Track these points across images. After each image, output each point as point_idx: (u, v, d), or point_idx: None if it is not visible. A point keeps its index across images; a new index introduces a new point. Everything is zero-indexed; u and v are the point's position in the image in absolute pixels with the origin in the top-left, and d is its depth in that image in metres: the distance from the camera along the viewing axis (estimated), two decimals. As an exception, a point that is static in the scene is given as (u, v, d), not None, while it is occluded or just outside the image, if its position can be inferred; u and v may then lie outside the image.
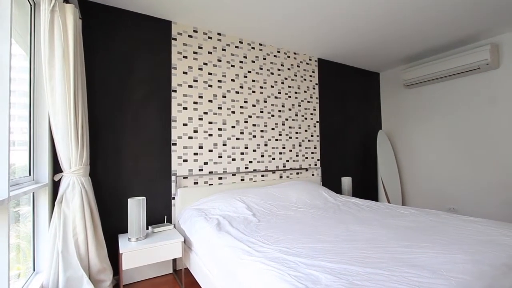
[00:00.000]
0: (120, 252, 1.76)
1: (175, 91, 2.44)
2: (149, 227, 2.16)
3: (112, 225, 2.12)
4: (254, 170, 2.86)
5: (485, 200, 3.04)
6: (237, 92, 2.79)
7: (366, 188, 3.94)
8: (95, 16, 2.13)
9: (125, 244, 1.84)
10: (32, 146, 1.76)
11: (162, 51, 2.40)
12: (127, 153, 2.21)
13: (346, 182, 3.35)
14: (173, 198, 2.39)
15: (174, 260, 2.33)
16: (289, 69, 3.20)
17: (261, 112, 2.96)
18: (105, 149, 2.12)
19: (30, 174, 1.74)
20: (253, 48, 2.92)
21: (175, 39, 2.46)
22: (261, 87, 2.97)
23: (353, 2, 2.20)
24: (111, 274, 1.88)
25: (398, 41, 3.03)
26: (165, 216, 2.33)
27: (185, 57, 2.50)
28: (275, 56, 3.09)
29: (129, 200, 1.92)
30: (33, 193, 1.77)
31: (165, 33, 2.42)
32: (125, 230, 2.15)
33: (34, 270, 1.76)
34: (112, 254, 2.06)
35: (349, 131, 3.77)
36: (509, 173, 2.86)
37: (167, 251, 1.92)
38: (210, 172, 2.59)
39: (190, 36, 2.54)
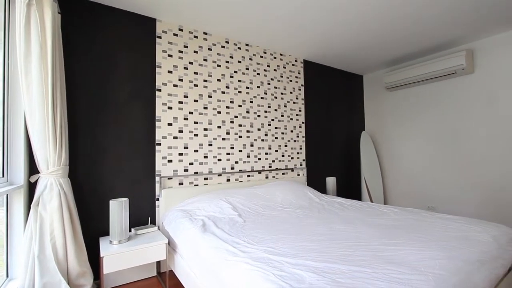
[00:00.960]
0: (101, 255, 1.71)
1: (159, 90, 2.40)
2: (132, 229, 2.11)
3: (93, 228, 2.05)
4: (240, 171, 2.86)
5: (462, 199, 3.19)
6: (223, 92, 2.78)
7: (350, 188, 4.03)
8: (76, 11, 2.05)
9: (106, 247, 1.79)
10: (5, 146, 1.68)
11: (146, 49, 2.35)
12: (109, 153, 2.15)
13: (331, 182, 3.41)
14: (157, 199, 2.35)
15: (158, 263, 2.29)
16: (275, 70, 3.22)
17: (247, 112, 2.96)
18: (85, 149, 2.05)
19: (3, 176, 1.65)
20: (239, 48, 2.92)
21: (160, 37, 2.42)
22: (247, 88, 2.97)
23: (337, 7, 2.24)
24: (91, 278, 1.82)
25: (380, 46, 3.12)
26: (149, 218, 2.28)
27: (170, 55, 2.46)
28: (261, 56, 3.10)
29: (111, 201, 1.87)
30: (7, 195, 1.68)
31: (149, 31, 2.37)
32: (106, 233, 2.08)
33: (7, 276, 1.68)
34: (93, 257, 1.99)
35: (333, 132, 3.84)
36: (483, 173, 3.01)
37: (151, 254, 1.88)
38: (196, 173, 2.56)
39: (175, 34, 2.50)
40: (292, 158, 3.33)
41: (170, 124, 2.44)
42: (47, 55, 1.63)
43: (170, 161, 2.42)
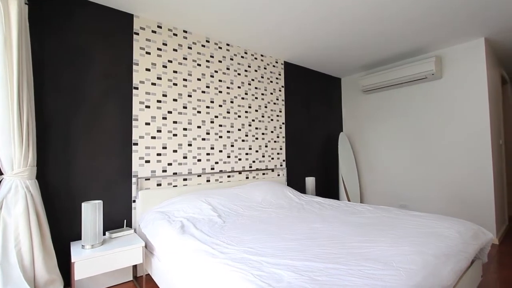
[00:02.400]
0: (72, 261, 1.62)
1: (136, 88, 2.32)
2: (106, 232, 2.03)
3: (63, 232, 1.94)
4: (220, 171, 2.84)
5: (431, 197, 3.38)
6: (203, 92, 2.75)
7: (329, 187, 4.13)
8: (45, 2, 1.93)
9: (78, 252, 1.70)
10: (-36, 145, 1.55)
11: (122, 46, 2.27)
12: (82, 153, 2.04)
13: (310, 182, 3.48)
14: (134, 201, 2.27)
15: (135, 267, 2.21)
16: (256, 70, 3.23)
17: (228, 112, 2.94)
18: (56, 149, 1.94)
19: (-39, 177, 1.53)
20: (220, 48, 2.90)
21: (137, 34, 2.34)
22: (228, 88, 2.95)
23: (316, 12, 2.29)
24: (61, 285, 1.72)
25: (357, 50, 3.24)
26: (125, 221, 2.20)
27: (148, 53, 2.39)
28: (242, 57, 3.10)
29: (83, 204, 1.78)
30: (-35, 199, 1.55)
31: (126, 27, 2.29)
32: (78, 237, 1.99)
33: (-35, 286, 1.54)
34: (65, 263, 1.89)
35: (313, 132, 3.92)
36: (450, 173, 3.21)
37: (127, 257, 1.81)
38: (175, 173, 2.51)
39: (153, 31, 2.43)
40: (272, 158, 3.36)
41: (147, 124, 2.37)
42: (12, 48, 1.53)
43: (147, 161, 2.35)
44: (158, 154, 2.42)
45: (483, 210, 2.95)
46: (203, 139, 2.73)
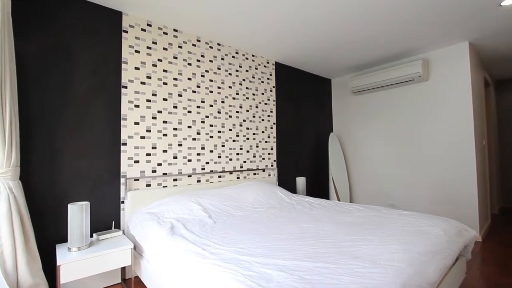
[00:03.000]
0: (58, 264, 1.58)
1: (125, 87, 2.28)
2: (94, 234, 1.98)
3: (49, 235, 1.89)
4: (211, 171, 2.82)
5: (418, 196, 3.46)
6: (193, 92, 2.73)
7: (319, 187, 4.17)
8: (30, -2, 1.88)
9: (64, 255, 1.66)
10: None
11: (111, 44, 2.23)
12: (68, 153, 1.99)
13: (301, 182, 3.50)
14: (122, 202, 2.23)
15: (123, 269, 2.17)
16: (247, 70, 3.23)
17: (219, 112, 2.93)
18: (41, 149, 1.88)
19: None
20: (211, 47, 2.89)
21: (126, 32, 2.30)
22: (218, 87, 2.94)
23: (305, 14, 2.32)
24: (46, 289, 1.67)
25: (347, 52, 3.28)
26: (113, 222, 2.16)
27: (137, 51, 2.36)
28: (233, 57, 3.09)
29: (69, 205, 1.74)
30: None
31: (115, 25, 2.25)
32: (64, 240, 1.94)
33: None
34: (50, 267, 1.84)
35: (303, 133, 3.95)
36: (436, 173, 3.30)
37: (115, 260, 1.78)
38: (164, 174, 2.48)
39: (143, 30, 2.40)
40: (263, 158, 3.36)
41: (137, 123, 2.33)
42: (-5, 45, 1.48)
43: (136, 161, 2.31)
44: (148, 154, 2.38)
45: (467, 209, 3.05)
46: (194, 139, 2.71)
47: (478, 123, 3.24)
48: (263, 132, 3.38)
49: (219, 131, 2.92)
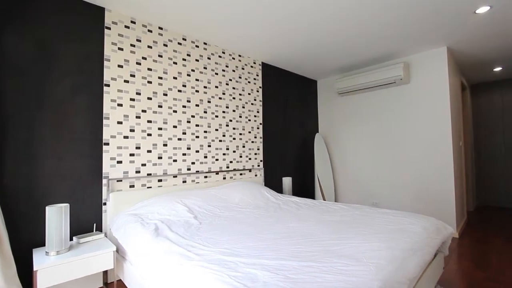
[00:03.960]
0: (35, 269, 1.51)
1: (108, 85, 2.22)
2: (74, 237, 1.91)
3: (25, 238, 1.80)
4: (197, 172, 2.79)
5: (400, 195, 3.57)
6: (179, 91, 2.69)
7: (305, 187, 4.22)
8: (5, -9, 1.79)
9: (41, 260, 1.59)
10: None
11: (93, 41, 2.16)
12: (46, 153, 1.91)
13: (287, 182, 3.53)
14: (105, 204, 2.17)
15: (105, 272, 2.11)
16: (233, 70, 3.22)
17: (205, 112, 2.90)
18: (17, 149, 1.79)
19: None
20: (197, 46, 2.86)
21: (109, 28, 2.24)
22: (205, 87, 2.91)
23: (293, 14, 2.34)
24: (21, 296, 1.60)
25: (331, 54, 3.34)
26: (94, 224, 2.09)
27: (120, 49, 2.30)
28: (219, 56, 3.07)
29: (47, 208, 1.67)
30: None
31: (97, 21, 2.18)
32: (42, 243, 1.86)
33: None
34: (27, 272, 1.76)
35: (290, 133, 3.99)
36: (416, 173, 3.42)
37: (96, 263, 1.72)
38: (149, 174, 2.43)
39: (127, 27, 2.34)
40: (250, 159, 3.36)
41: (120, 123, 2.27)
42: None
43: (119, 162, 2.25)
44: (131, 155, 2.33)
45: (445, 206, 3.18)
46: (179, 139, 2.67)
47: (455, 125, 3.39)
48: (249, 132, 3.38)
49: (205, 131, 2.89)
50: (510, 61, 3.82)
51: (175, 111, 2.64)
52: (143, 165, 2.40)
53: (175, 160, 2.62)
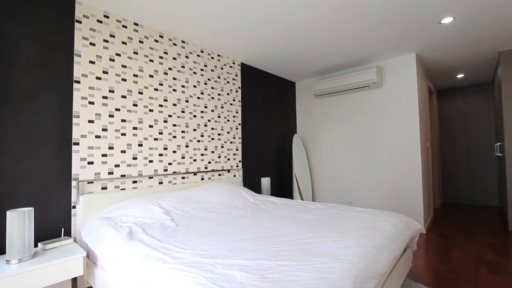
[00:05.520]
0: (-7, 279, 1.40)
1: (78, 82, 2.10)
2: (39, 243, 1.79)
3: (-19, 246, 1.66)
4: (174, 172, 2.73)
5: (373, 194, 3.73)
6: (156, 89, 2.61)
7: (283, 187, 4.28)
8: (-41, -24, 1.64)
9: (1, 269, 1.47)
10: None
11: (61, 34, 2.03)
12: (8, 154, 1.77)
13: (266, 182, 3.56)
14: (74, 207, 2.05)
15: (74, 280, 1.99)
16: (212, 70, 3.19)
17: (183, 112, 2.85)
18: (-29, 149, 1.65)
19: None
20: (174, 44, 2.79)
21: (80, 22, 2.13)
22: (182, 86, 2.86)
23: (271, 16, 2.36)
24: (-23, 309, 1.47)
25: (308, 57, 3.42)
26: (62, 229, 1.97)
27: (92, 44, 2.19)
28: (198, 55, 3.03)
29: (8, 212, 1.55)
30: None
31: (66, 13, 2.06)
32: (2, 251, 1.72)
33: None
34: (-19, 283, 1.62)
35: (268, 134, 4.02)
36: (388, 173, 3.59)
37: (64, 270, 1.63)
38: (123, 176, 2.34)
39: (99, 21, 2.23)
40: (228, 159, 3.35)
41: (91, 121, 2.16)
42: None
43: (90, 162, 2.14)
44: (104, 155, 2.22)
45: (413, 204, 3.37)
46: (156, 139, 2.59)
47: (423, 127, 3.61)
48: (228, 132, 3.36)
49: (182, 131, 2.84)
50: (472, 69, 4.14)
51: (151, 110, 2.57)
52: (117, 166, 2.30)
53: (151, 161, 2.54)
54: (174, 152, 2.75)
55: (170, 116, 2.72)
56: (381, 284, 1.25)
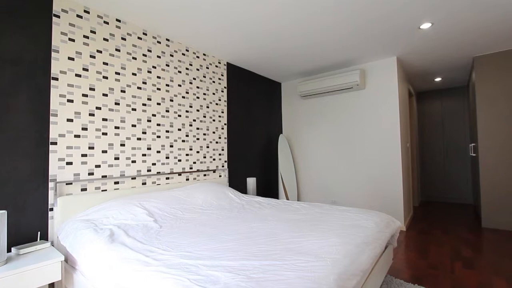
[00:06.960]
0: (-39, 287, 1.32)
1: (56, 79, 2.02)
2: (13, 248, 1.70)
3: None
4: (158, 173, 2.68)
5: (356, 193, 3.82)
6: (139, 88, 2.55)
7: (269, 187, 4.29)
8: None
9: (-31, 276, 1.38)
10: None
11: (38, 29, 1.94)
12: (-23, 154, 1.67)
13: (251, 182, 3.56)
14: (51, 210, 1.96)
15: (52, 285, 1.91)
16: (198, 69, 3.16)
17: (167, 111, 2.80)
18: None
19: None
20: (159, 42, 2.74)
21: (58, 17, 2.04)
22: (167, 85, 2.81)
23: (257, 17, 2.37)
24: None
25: (295, 58, 3.45)
26: (39, 233, 1.88)
27: (71, 40, 2.11)
28: (183, 54, 2.99)
29: (-22, 216, 1.46)
30: None
31: (43, 7, 1.97)
32: (-29, 257, 1.62)
33: None
34: None
35: (254, 134, 4.02)
36: (371, 172, 3.69)
37: (40, 276, 1.56)
38: (104, 176, 2.26)
39: (79, 16, 2.15)
40: (214, 159, 3.32)
41: (70, 120, 2.08)
42: None
43: (69, 163, 2.06)
44: (84, 155, 2.15)
45: (393, 202, 3.48)
46: (139, 138, 2.53)
47: (403, 128, 3.73)
48: (214, 132, 3.34)
49: (167, 131, 2.79)
50: (448, 73, 4.33)
51: (134, 109, 2.50)
52: (97, 166, 2.23)
53: (133, 161, 2.48)
54: (158, 152, 2.70)
55: (154, 115, 2.67)
56: (363, 280, 1.28)
